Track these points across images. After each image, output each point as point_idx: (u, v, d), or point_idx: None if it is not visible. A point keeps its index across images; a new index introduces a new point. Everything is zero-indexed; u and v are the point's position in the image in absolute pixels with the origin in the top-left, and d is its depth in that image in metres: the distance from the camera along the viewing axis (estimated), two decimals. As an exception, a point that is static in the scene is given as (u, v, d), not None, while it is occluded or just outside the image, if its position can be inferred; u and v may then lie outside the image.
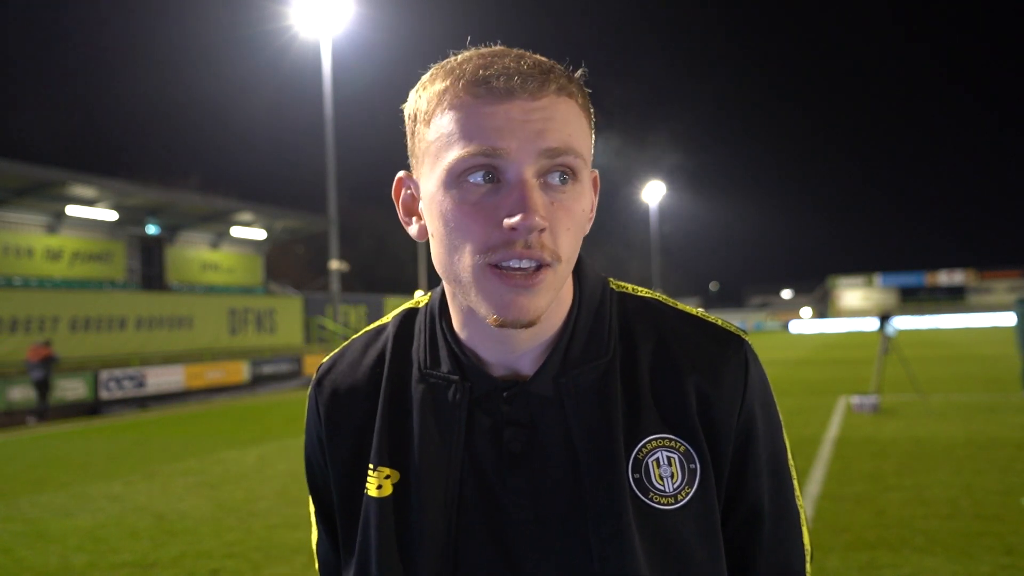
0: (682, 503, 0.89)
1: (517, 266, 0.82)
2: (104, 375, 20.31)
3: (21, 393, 18.51)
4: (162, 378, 22.22)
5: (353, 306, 34.37)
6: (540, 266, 0.82)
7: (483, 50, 0.86)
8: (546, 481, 0.89)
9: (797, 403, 14.50)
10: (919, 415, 12.06)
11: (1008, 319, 74.03)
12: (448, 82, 0.84)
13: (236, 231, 28.90)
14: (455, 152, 0.82)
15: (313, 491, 1.03)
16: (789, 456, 1.00)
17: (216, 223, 27.70)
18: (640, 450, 0.90)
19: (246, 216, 27.97)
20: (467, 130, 0.82)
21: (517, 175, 0.81)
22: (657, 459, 0.90)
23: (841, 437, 10.28)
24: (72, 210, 22.87)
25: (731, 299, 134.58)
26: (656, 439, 0.90)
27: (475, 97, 0.82)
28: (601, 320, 0.95)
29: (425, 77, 0.89)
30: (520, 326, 0.84)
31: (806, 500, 6.87)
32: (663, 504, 0.89)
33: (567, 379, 0.91)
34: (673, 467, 0.90)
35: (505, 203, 0.81)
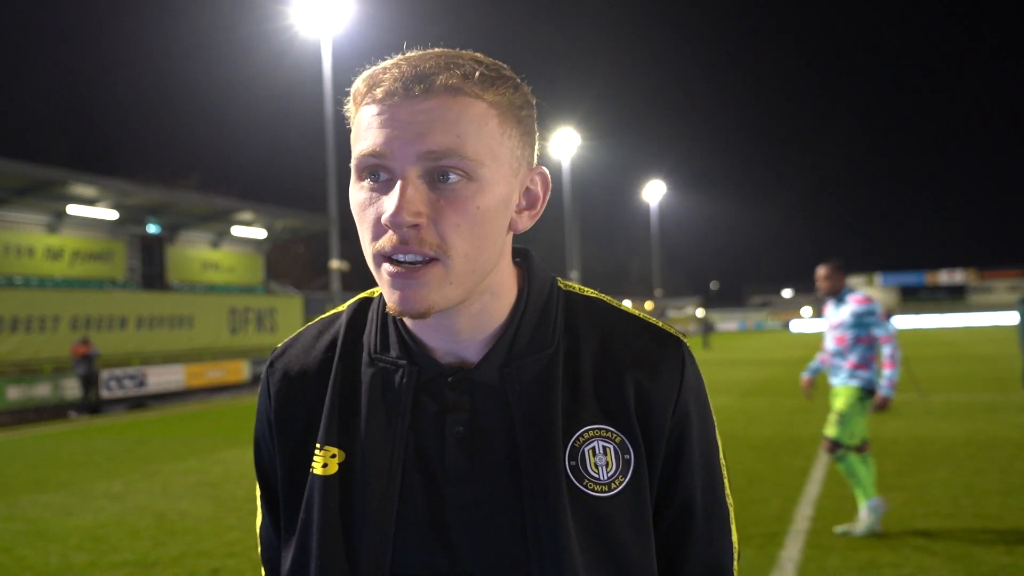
0: (615, 491, 0.93)
1: (402, 259, 0.86)
2: (105, 374, 20.33)
3: (20, 392, 18.52)
4: (163, 377, 22.23)
5: (353, 305, 34.31)
6: (428, 260, 0.86)
7: (406, 54, 0.90)
8: (485, 466, 0.92)
9: (798, 403, 14.49)
10: (920, 414, 12.06)
11: (1009, 318, 74.03)
12: (358, 85, 0.90)
13: (237, 230, 28.90)
14: (355, 151, 0.89)
15: (260, 473, 1.05)
16: (721, 455, 1.03)
17: (217, 222, 27.70)
18: (577, 439, 0.93)
19: (247, 215, 27.97)
20: (361, 132, 0.88)
21: (400, 174, 0.85)
22: (593, 448, 0.93)
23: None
24: (73, 209, 22.87)
25: (731, 298, 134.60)
26: (593, 429, 0.94)
27: (370, 100, 0.87)
28: (547, 315, 0.98)
29: None
30: (413, 316, 0.88)
31: (806, 500, 6.87)
32: (597, 491, 0.92)
33: (511, 369, 0.94)
34: (608, 456, 0.93)
35: (387, 200, 0.86)
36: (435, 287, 0.87)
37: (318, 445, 0.96)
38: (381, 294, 1.03)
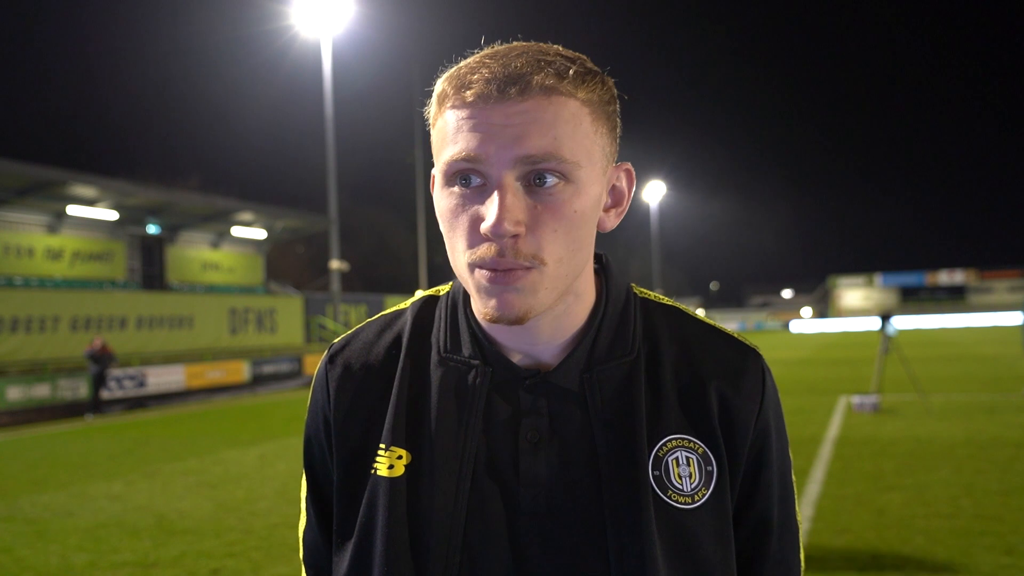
0: (699, 503, 0.90)
1: (498, 267, 0.84)
2: (107, 375, 20.33)
3: (20, 392, 18.53)
4: (163, 378, 22.23)
5: (353, 306, 34.36)
6: (525, 267, 0.83)
7: (485, 51, 0.86)
8: (562, 473, 0.89)
9: (798, 403, 14.50)
10: (919, 415, 12.06)
11: (1010, 319, 74.03)
12: (443, 86, 0.86)
13: (237, 231, 28.90)
14: (445, 155, 0.85)
15: (309, 472, 1.01)
16: (792, 472, 1.02)
17: (217, 223, 27.70)
18: (661, 448, 0.91)
19: (247, 216, 27.97)
20: (453, 135, 0.84)
21: (497, 180, 0.83)
22: (676, 458, 0.91)
23: (841, 437, 10.29)
24: (73, 210, 22.88)
25: (731, 299, 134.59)
26: (676, 439, 0.91)
27: (462, 102, 0.84)
28: (627, 320, 0.96)
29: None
30: (509, 323, 0.85)
31: (807, 500, 6.87)
32: (681, 503, 0.89)
33: (592, 374, 0.91)
34: (691, 467, 0.91)
35: (484, 207, 0.83)
36: (531, 293, 0.84)
37: (383, 445, 0.92)
38: (447, 293, 1.01)
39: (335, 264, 27.26)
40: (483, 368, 0.92)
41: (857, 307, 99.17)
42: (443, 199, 0.87)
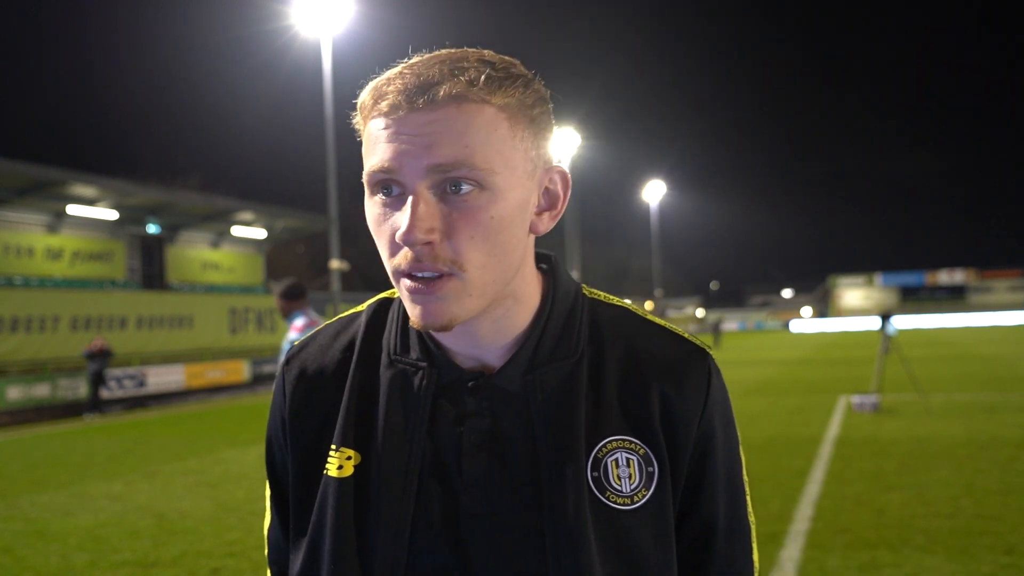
0: (638, 504, 0.90)
1: (420, 275, 0.85)
2: (105, 374, 20.33)
3: (20, 392, 18.52)
4: (163, 377, 22.24)
5: (353, 305, 34.29)
6: (443, 275, 0.84)
7: (408, 61, 0.88)
8: (504, 474, 0.90)
9: (797, 402, 14.50)
10: (920, 414, 12.06)
11: (1010, 318, 74.07)
12: (364, 98, 0.88)
13: (237, 230, 28.90)
14: (367, 167, 0.87)
15: (271, 473, 1.03)
16: (744, 472, 1.01)
17: (217, 222, 27.70)
18: (600, 449, 0.91)
19: (247, 215, 27.97)
20: (370, 147, 0.86)
21: (411, 189, 0.84)
22: (616, 459, 0.91)
23: (841, 436, 10.29)
24: (73, 209, 22.88)
25: (731, 298, 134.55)
26: (617, 440, 0.92)
27: (379, 113, 0.85)
28: (572, 322, 0.96)
29: None
30: (435, 330, 0.87)
31: (807, 500, 6.87)
32: (619, 504, 0.90)
33: (534, 376, 0.92)
34: (631, 468, 0.91)
35: (400, 216, 0.85)
36: (453, 300, 0.85)
37: (333, 446, 0.94)
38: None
39: (335, 264, 27.24)
40: (429, 370, 0.93)
41: (857, 307, 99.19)
42: (369, 209, 0.89)
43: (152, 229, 26.18)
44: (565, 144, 46.79)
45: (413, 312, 0.87)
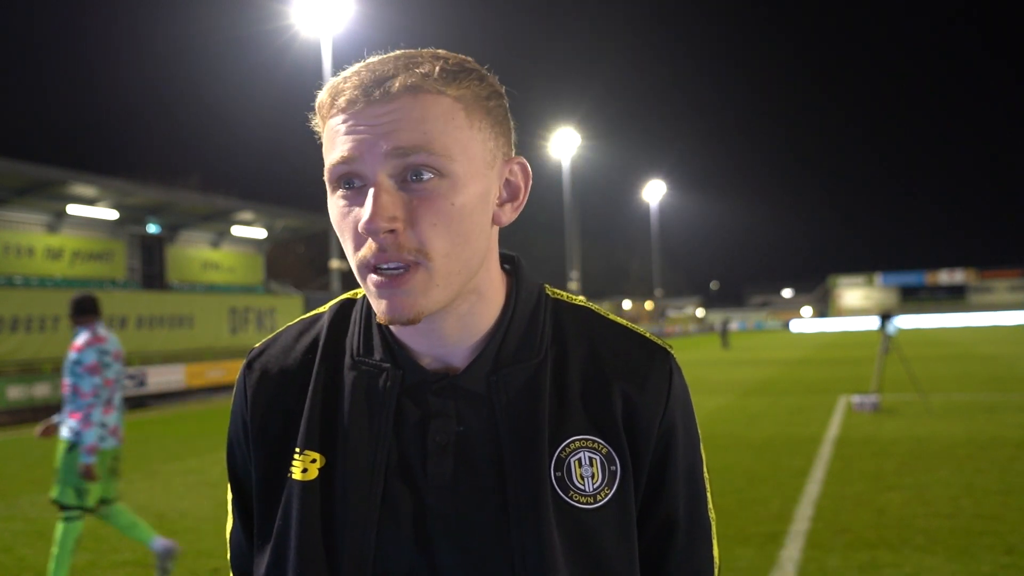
0: (601, 503, 0.91)
1: (386, 267, 0.85)
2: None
3: (20, 392, 18.53)
4: (163, 377, 22.23)
5: (353, 305, 34.32)
6: (409, 266, 0.85)
7: (363, 63, 0.89)
8: (469, 475, 0.90)
9: (797, 402, 14.51)
10: (920, 414, 12.06)
11: (1011, 318, 74.03)
12: (322, 97, 0.89)
13: (237, 230, 28.90)
14: (327, 162, 0.88)
15: (232, 477, 1.02)
16: (705, 469, 1.02)
17: (217, 222, 27.70)
18: (563, 449, 0.92)
19: (247, 215, 27.97)
20: (330, 142, 0.87)
21: (372, 179, 0.84)
22: (579, 459, 0.92)
23: (841, 436, 10.29)
24: (73, 209, 22.87)
25: (731, 298, 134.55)
26: (580, 439, 0.92)
27: (337, 110, 0.87)
28: (535, 322, 0.96)
29: None
30: (403, 324, 0.86)
31: (807, 500, 6.87)
32: (582, 503, 0.91)
33: (498, 376, 0.92)
34: (594, 467, 0.92)
35: (362, 208, 0.85)
36: (420, 292, 0.85)
37: (297, 450, 0.93)
38: (364, 296, 1.01)
39: (335, 264, 27.25)
40: (393, 372, 0.93)
41: (857, 306, 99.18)
42: (332, 206, 0.89)
43: (152, 229, 26.18)
44: (565, 144, 46.77)
45: (379, 307, 0.87)
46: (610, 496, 0.92)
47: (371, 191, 0.84)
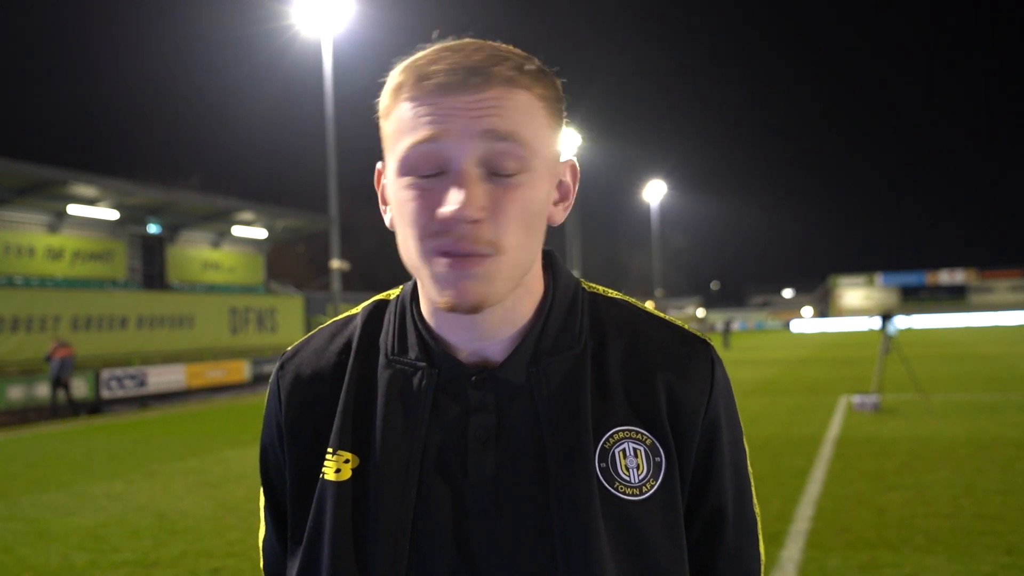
0: (647, 495, 0.90)
1: (457, 253, 0.84)
2: (105, 374, 20.34)
3: (20, 392, 18.53)
4: (163, 377, 22.23)
5: (354, 305, 34.26)
6: (479, 255, 0.84)
7: (443, 44, 0.88)
8: (511, 469, 0.88)
9: (798, 402, 14.50)
10: (920, 414, 12.06)
11: (1011, 318, 74.02)
12: (402, 78, 0.87)
13: (237, 230, 28.90)
14: (404, 143, 0.85)
15: (265, 481, 1.01)
16: (748, 463, 1.01)
17: (217, 222, 27.70)
18: (607, 440, 0.90)
19: (247, 215, 27.97)
20: (414, 122, 0.85)
21: (458, 165, 0.83)
22: (624, 450, 0.90)
23: (842, 436, 10.29)
24: (73, 209, 22.88)
25: (732, 298, 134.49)
26: (623, 430, 0.91)
27: (423, 91, 0.84)
28: (573, 314, 0.96)
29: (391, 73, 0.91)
30: (466, 311, 0.85)
31: (807, 500, 6.87)
32: (628, 495, 0.89)
33: (538, 368, 0.91)
34: (639, 458, 0.90)
35: (445, 192, 0.83)
36: (488, 280, 0.84)
37: (330, 450, 0.92)
38: (398, 297, 1.01)
39: (336, 263, 27.24)
40: (429, 370, 0.92)
41: (858, 306, 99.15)
42: (398, 189, 0.87)
43: (152, 229, 26.19)
44: (565, 144, 46.78)
45: (444, 292, 0.85)
46: (656, 488, 0.90)
47: (459, 178, 0.83)
